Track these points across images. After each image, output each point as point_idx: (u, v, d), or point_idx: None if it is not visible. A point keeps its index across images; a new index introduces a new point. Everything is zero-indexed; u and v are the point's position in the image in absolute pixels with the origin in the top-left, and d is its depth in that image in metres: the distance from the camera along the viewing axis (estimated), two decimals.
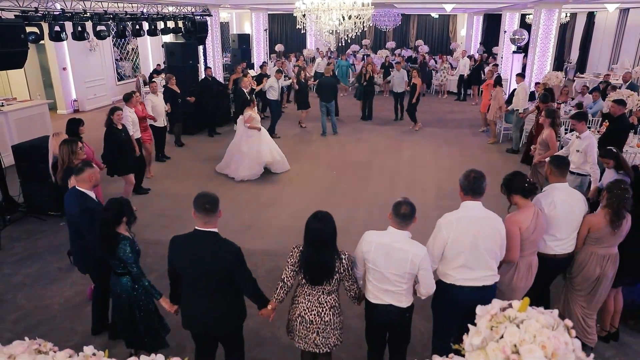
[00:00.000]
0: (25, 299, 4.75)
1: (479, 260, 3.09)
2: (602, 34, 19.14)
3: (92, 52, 14.57)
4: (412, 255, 2.88)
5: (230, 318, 3.05)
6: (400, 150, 10.13)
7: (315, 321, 3.02)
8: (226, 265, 2.87)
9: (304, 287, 3.06)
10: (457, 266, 3.10)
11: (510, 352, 1.51)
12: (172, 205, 7.07)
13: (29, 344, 1.94)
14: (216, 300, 2.95)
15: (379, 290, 3.02)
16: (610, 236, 3.61)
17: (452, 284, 3.13)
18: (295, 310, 3.10)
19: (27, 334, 4.01)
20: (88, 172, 3.75)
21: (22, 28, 6.49)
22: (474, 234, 3.05)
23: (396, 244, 2.92)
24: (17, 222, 6.46)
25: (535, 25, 12.02)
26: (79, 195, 3.75)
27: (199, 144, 10.56)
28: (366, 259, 3.00)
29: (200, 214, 2.86)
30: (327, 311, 3.02)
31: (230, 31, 24.01)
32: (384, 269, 2.94)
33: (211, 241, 2.89)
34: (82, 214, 3.67)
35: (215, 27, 14.85)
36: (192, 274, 2.94)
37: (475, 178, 3.13)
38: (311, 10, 8.49)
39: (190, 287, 3.00)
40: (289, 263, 3.05)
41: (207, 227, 2.89)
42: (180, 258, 2.95)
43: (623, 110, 6.62)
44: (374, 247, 2.95)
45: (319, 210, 3.03)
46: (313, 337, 3.05)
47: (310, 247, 2.95)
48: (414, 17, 26.98)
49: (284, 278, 3.08)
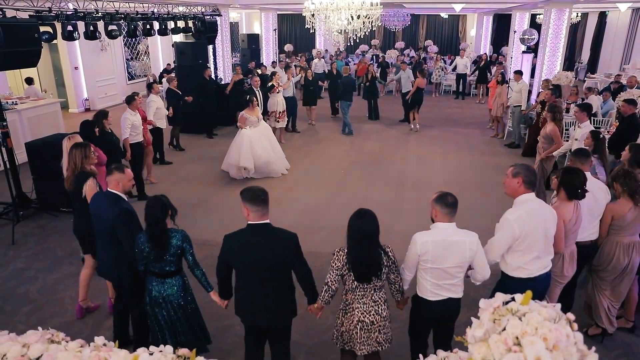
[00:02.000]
0: (37, 293, 4.84)
1: (548, 247, 3.24)
2: (613, 34, 18.94)
3: (104, 51, 14.75)
4: (469, 244, 2.94)
5: (286, 310, 3.09)
6: (407, 150, 10.13)
7: (376, 320, 3.02)
8: (286, 254, 2.90)
9: (355, 292, 3.02)
10: (532, 258, 3.18)
11: (512, 344, 1.53)
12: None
13: (42, 334, 2.00)
14: (273, 293, 2.98)
15: (438, 287, 3.02)
16: (633, 223, 3.75)
17: (528, 277, 3.19)
18: (352, 317, 3.05)
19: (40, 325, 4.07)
20: (116, 176, 3.60)
21: (36, 28, 6.60)
22: (544, 223, 3.16)
23: (451, 237, 2.94)
24: (30, 218, 6.58)
25: (545, 25, 11.94)
26: (114, 198, 3.59)
27: (199, 146, 10.41)
28: (424, 260, 2.97)
29: (255, 206, 2.86)
30: (383, 306, 3.05)
31: (240, 31, 24.12)
32: (445, 265, 2.95)
33: (269, 232, 2.92)
34: (120, 216, 3.49)
35: (224, 27, 14.94)
36: (250, 268, 2.94)
37: (534, 172, 3.23)
38: (320, 10, 8.53)
39: (249, 281, 3.00)
40: (333, 267, 3.01)
41: (261, 219, 2.90)
42: (239, 253, 2.95)
43: (633, 110, 6.58)
44: (431, 246, 2.94)
45: (361, 208, 3.03)
46: (375, 336, 3.05)
47: (358, 245, 2.93)
48: (424, 17, 26.90)
49: (328, 282, 3.05)
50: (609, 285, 3.91)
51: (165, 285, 3.30)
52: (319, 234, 6.08)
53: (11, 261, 5.47)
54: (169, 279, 3.31)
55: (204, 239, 5.65)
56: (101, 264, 3.89)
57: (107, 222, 3.55)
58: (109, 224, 3.53)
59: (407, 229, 3.16)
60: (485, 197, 7.16)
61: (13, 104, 9.02)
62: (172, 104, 8.98)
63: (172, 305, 3.32)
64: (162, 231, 3.20)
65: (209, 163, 9.07)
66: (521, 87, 9.95)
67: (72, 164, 4.31)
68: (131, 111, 7.11)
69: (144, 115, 7.74)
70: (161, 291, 3.30)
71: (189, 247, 3.30)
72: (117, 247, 3.57)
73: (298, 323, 4.29)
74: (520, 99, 9.92)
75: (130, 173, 3.73)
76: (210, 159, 9.32)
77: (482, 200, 7.05)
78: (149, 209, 3.20)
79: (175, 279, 3.33)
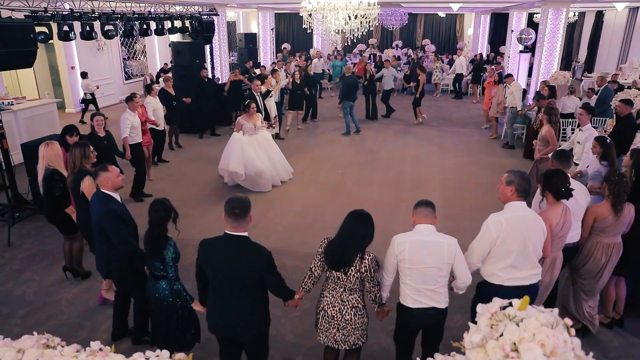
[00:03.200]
0: (34, 295, 4.82)
1: (527, 259, 3.13)
2: (610, 33, 18.97)
3: (100, 51, 14.70)
4: (447, 245, 2.94)
5: (256, 323, 3.03)
6: (405, 150, 10.13)
7: (336, 317, 3.07)
8: (257, 269, 2.86)
9: (327, 280, 3.12)
10: (505, 266, 3.12)
11: (509, 350, 1.53)
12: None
13: (37, 339, 1.98)
14: (243, 305, 2.93)
15: (418, 292, 3.01)
16: (614, 225, 3.76)
17: (500, 284, 3.14)
18: (320, 303, 3.16)
19: (36, 328, 4.05)
20: (102, 176, 3.66)
21: (32, 28, 6.57)
22: (523, 233, 3.08)
23: (428, 237, 2.97)
24: (26, 220, 6.55)
25: (542, 25, 11.94)
26: (103, 197, 3.67)
27: (197, 146, 10.36)
28: (402, 260, 2.99)
29: (229, 218, 2.84)
30: (349, 310, 3.05)
31: (237, 30, 24.08)
32: (422, 265, 2.95)
33: (241, 245, 2.87)
34: (107, 216, 3.60)
35: (222, 27, 14.90)
36: (220, 278, 2.91)
37: (528, 180, 3.17)
38: (317, 10, 8.51)
39: (218, 291, 2.97)
40: (318, 252, 3.11)
41: (235, 231, 2.86)
42: (210, 261, 2.93)
43: (630, 110, 6.59)
44: (407, 245, 2.97)
45: (360, 209, 3.09)
46: (333, 332, 3.10)
47: (337, 237, 3.03)
48: (421, 16, 26.90)
49: (312, 267, 3.14)
50: (585, 285, 3.97)
51: (157, 285, 3.39)
52: (317, 234, 6.07)
53: (7, 263, 5.44)
54: (161, 280, 3.38)
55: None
56: (96, 259, 4.04)
57: (95, 219, 3.71)
58: (96, 221, 3.69)
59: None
60: (484, 198, 7.17)
61: (9, 104, 8.97)
62: (165, 105, 8.78)
63: (161, 305, 3.40)
64: (161, 236, 3.27)
65: (207, 164, 9.00)
66: (513, 89, 10.06)
67: (71, 163, 4.44)
68: (130, 112, 7.05)
69: (146, 116, 7.79)
70: (153, 290, 3.41)
71: (173, 262, 3.32)
72: (106, 245, 3.72)
73: (296, 324, 4.29)
74: (513, 100, 10.03)
75: (116, 169, 3.77)
76: (208, 159, 9.26)
77: (481, 201, 7.06)
78: (153, 212, 3.26)
79: (166, 282, 3.38)
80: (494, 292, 3.06)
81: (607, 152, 4.91)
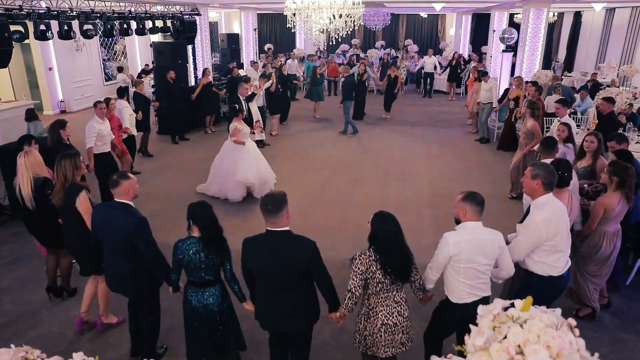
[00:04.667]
0: (12, 304, 4.64)
1: (569, 243, 3.33)
2: (588, 34, 19.34)
3: (79, 51, 14.37)
4: (498, 241, 2.97)
5: (304, 316, 3.04)
6: (391, 149, 10.14)
7: (399, 322, 3.04)
8: (304, 260, 2.86)
9: (378, 295, 3.01)
10: (560, 256, 3.25)
11: (514, 353, 1.48)
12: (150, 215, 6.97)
13: (14, 352, 1.87)
14: (291, 298, 2.94)
15: (473, 287, 3.01)
16: (620, 213, 4.00)
17: (559, 275, 3.25)
18: (376, 321, 3.03)
19: (15, 339, 3.91)
20: (125, 184, 3.35)
21: (6, 26, 6.37)
22: (566, 223, 3.26)
23: (481, 235, 2.97)
24: (4, 226, 6.33)
25: (524, 24, 12.09)
26: (123, 207, 3.35)
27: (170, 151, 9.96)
28: (458, 261, 2.94)
29: (265, 215, 2.86)
30: (404, 306, 3.07)
31: (219, 31, 23.83)
32: (477, 264, 2.95)
33: (286, 238, 2.88)
34: (140, 225, 3.28)
35: (204, 27, 14.73)
36: (268, 273, 2.91)
37: (553, 172, 3.26)
38: (302, 9, 8.44)
39: (266, 287, 2.98)
40: (357, 272, 2.96)
41: (274, 226, 2.87)
42: (256, 258, 2.92)
43: (612, 108, 6.69)
44: (464, 246, 2.92)
45: (381, 211, 3.05)
46: (399, 338, 3.06)
47: (392, 248, 2.95)
48: (403, 16, 27.04)
49: (352, 288, 2.99)
50: (594, 272, 4.15)
51: (206, 294, 3.23)
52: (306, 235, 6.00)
53: None
54: (209, 287, 3.24)
55: None
56: (114, 278, 3.59)
57: (119, 233, 3.32)
58: (121, 235, 3.32)
59: None
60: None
61: None
62: (141, 109, 8.37)
63: (211, 313, 3.26)
64: (219, 233, 3.19)
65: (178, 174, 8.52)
66: (491, 85, 10.37)
67: (61, 177, 3.89)
68: (98, 119, 6.48)
69: (119, 123, 7.30)
70: (201, 300, 3.23)
71: (228, 259, 3.27)
72: (133, 259, 3.39)
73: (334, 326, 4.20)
74: (490, 96, 10.33)
75: (134, 176, 3.52)
76: (183, 166, 8.92)
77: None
78: (203, 212, 3.15)
79: (215, 287, 3.26)
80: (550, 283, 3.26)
81: (570, 135, 5.51)
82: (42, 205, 4.31)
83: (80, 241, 3.94)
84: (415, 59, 18.93)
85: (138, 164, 8.72)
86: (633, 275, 4.91)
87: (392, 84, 12.83)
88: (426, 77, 17.08)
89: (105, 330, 4.23)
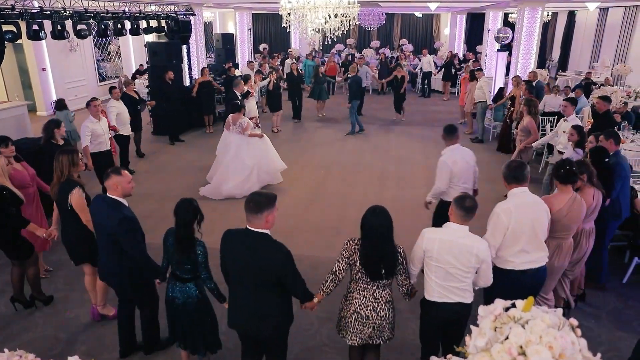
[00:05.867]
0: (5, 307, 4.58)
1: (536, 243, 3.27)
2: (582, 33, 19.43)
3: (73, 52, 14.27)
4: (477, 250, 2.92)
5: (275, 320, 2.96)
6: (388, 149, 10.13)
7: (371, 316, 3.01)
8: (275, 266, 2.79)
9: (358, 282, 3.03)
10: (516, 251, 3.24)
11: (516, 354, 1.46)
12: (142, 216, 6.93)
13: (8, 355, 1.84)
14: (262, 300, 2.87)
15: (444, 288, 3.00)
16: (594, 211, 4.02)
17: (512, 269, 3.27)
18: (350, 306, 3.07)
19: (9, 343, 3.87)
20: (114, 179, 3.40)
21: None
22: (531, 218, 3.23)
23: (460, 239, 2.93)
24: None
25: (519, 24, 12.11)
26: (112, 203, 3.40)
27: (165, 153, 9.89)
28: (429, 257, 2.97)
29: (245, 211, 2.83)
30: (383, 306, 3.02)
31: (214, 31, 23.76)
32: (448, 266, 2.93)
33: (261, 241, 2.82)
34: (122, 223, 3.32)
35: (198, 27, 14.65)
36: (239, 271, 2.88)
37: (516, 167, 3.31)
38: (297, 9, 8.40)
39: (237, 285, 2.94)
40: (343, 256, 3.01)
41: (251, 226, 2.82)
42: (230, 252, 2.90)
43: (608, 107, 6.71)
44: (437, 244, 2.93)
45: (376, 205, 3.03)
46: (368, 331, 3.05)
47: (371, 242, 2.93)
48: (398, 16, 27.07)
49: (336, 270, 3.04)
50: (570, 267, 4.12)
51: (185, 288, 3.32)
52: (301, 236, 5.97)
53: None
54: (189, 283, 3.33)
55: None
56: (103, 270, 3.71)
57: (107, 229, 3.40)
58: (107, 229, 3.40)
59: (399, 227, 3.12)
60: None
61: None
62: (130, 111, 8.29)
63: (187, 308, 3.33)
64: (188, 236, 3.21)
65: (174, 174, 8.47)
66: (482, 84, 10.29)
67: (58, 172, 3.97)
68: (92, 119, 6.58)
69: (108, 121, 7.24)
70: (179, 293, 3.32)
71: (204, 261, 3.28)
72: (118, 254, 3.45)
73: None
74: (481, 94, 10.25)
75: (128, 175, 3.52)
76: (178, 166, 8.88)
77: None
78: (180, 211, 3.20)
79: (194, 283, 3.34)
80: (509, 277, 3.27)
81: (582, 141, 5.28)
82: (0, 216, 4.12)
83: (76, 237, 4.02)
84: (411, 59, 18.92)
85: (133, 164, 8.73)
86: (629, 274, 4.92)
87: (399, 85, 12.66)
88: (424, 77, 16.91)
89: (101, 320, 4.29)
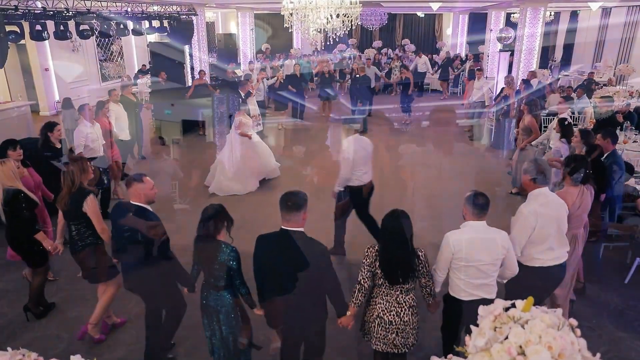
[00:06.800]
0: (7, 306, 4.60)
1: (561, 240, 3.41)
2: (585, 33, 19.37)
3: (75, 52, 14.30)
4: (500, 240, 2.98)
5: (314, 318, 2.99)
6: (388, 148, 10.12)
7: (394, 322, 3.00)
8: (312, 264, 2.81)
9: (381, 287, 3.03)
10: (544, 249, 3.32)
11: (516, 354, 1.47)
12: None
13: (11, 355, 1.85)
14: (301, 300, 2.89)
15: (472, 286, 3.02)
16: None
17: (540, 266, 3.36)
18: (373, 311, 3.07)
19: (11, 342, 3.88)
20: (135, 187, 3.40)
21: (2, 26, 6.31)
22: (555, 216, 3.32)
23: (483, 234, 2.98)
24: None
25: (521, 24, 12.09)
26: (137, 209, 3.39)
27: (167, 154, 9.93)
28: (458, 259, 2.99)
29: (282, 211, 2.87)
30: (406, 311, 3.02)
31: (216, 31, 23.78)
32: (479, 263, 2.96)
33: (297, 240, 2.85)
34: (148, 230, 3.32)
35: (201, 27, 14.68)
36: (277, 273, 2.89)
37: (539, 171, 3.34)
38: (299, 9, 8.41)
39: (275, 287, 2.94)
40: (365, 264, 3.02)
41: (289, 225, 2.86)
42: (267, 256, 2.91)
43: (610, 107, 6.72)
44: (464, 244, 2.96)
45: (395, 209, 3.03)
46: (392, 337, 3.03)
47: (389, 246, 2.94)
48: (400, 16, 27.04)
49: (361, 280, 3.04)
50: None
51: (221, 296, 3.17)
52: None
53: None
54: (222, 291, 3.16)
55: None
56: (130, 279, 3.61)
57: (134, 235, 3.37)
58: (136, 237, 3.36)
59: None
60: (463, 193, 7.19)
61: None
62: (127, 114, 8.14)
63: (218, 316, 3.19)
64: (211, 244, 3.10)
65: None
66: (482, 84, 10.39)
67: (68, 182, 3.79)
68: (86, 122, 6.23)
69: (110, 127, 7.08)
70: (212, 301, 3.18)
71: (237, 267, 3.12)
72: (146, 260, 3.39)
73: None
74: (480, 94, 10.39)
75: (150, 181, 3.48)
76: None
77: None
78: (206, 219, 3.09)
79: (228, 291, 3.18)
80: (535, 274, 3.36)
81: (566, 133, 5.54)
82: (14, 220, 4.11)
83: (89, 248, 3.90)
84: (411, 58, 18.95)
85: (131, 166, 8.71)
86: (631, 273, 4.91)
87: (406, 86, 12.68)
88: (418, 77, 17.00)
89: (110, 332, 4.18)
